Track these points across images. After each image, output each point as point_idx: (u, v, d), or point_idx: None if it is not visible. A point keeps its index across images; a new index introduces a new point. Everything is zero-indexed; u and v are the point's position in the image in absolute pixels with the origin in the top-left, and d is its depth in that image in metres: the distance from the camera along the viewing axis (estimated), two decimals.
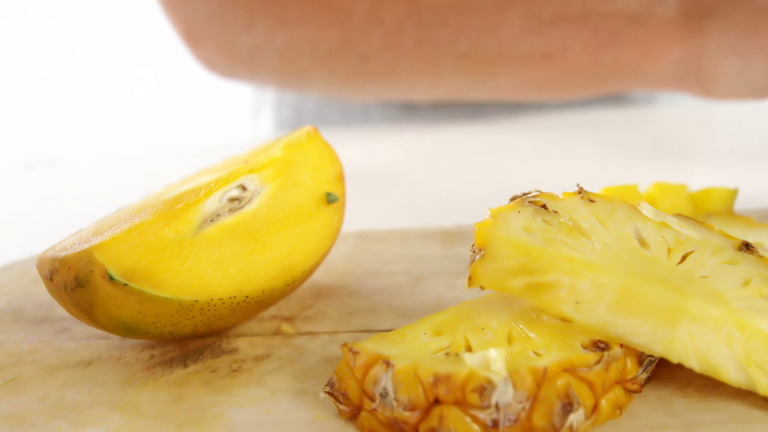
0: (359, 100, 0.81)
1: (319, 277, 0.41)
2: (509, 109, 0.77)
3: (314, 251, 0.35)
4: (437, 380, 0.26)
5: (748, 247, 0.31)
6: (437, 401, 0.26)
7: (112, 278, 0.30)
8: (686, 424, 0.27)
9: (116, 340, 0.36)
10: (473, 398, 0.25)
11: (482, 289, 0.29)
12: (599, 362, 0.27)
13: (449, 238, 0.45)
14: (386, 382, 0.26)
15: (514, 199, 0.31)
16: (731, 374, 0.27)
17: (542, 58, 0.60)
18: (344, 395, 0.28)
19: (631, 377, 0.28)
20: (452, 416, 0.26)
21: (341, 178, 0.37)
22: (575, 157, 0.64)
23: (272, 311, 0.37)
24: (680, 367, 0.28)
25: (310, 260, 0.34)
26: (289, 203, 0.34)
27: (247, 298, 0.32)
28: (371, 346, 0.28)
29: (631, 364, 0.28)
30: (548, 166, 0.63)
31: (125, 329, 0.31)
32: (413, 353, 0.27)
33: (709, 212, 0.40)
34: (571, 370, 0.26)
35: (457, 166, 0.66)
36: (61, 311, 0.39)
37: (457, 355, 0.27)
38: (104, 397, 0.31)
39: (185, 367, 0.33)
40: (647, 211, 0.31)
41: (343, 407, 0.28)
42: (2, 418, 0.30)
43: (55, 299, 0.32)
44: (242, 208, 0.34)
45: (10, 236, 0.58)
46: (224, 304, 0.32)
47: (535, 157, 0.66)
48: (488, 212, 0.29)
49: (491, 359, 0.26)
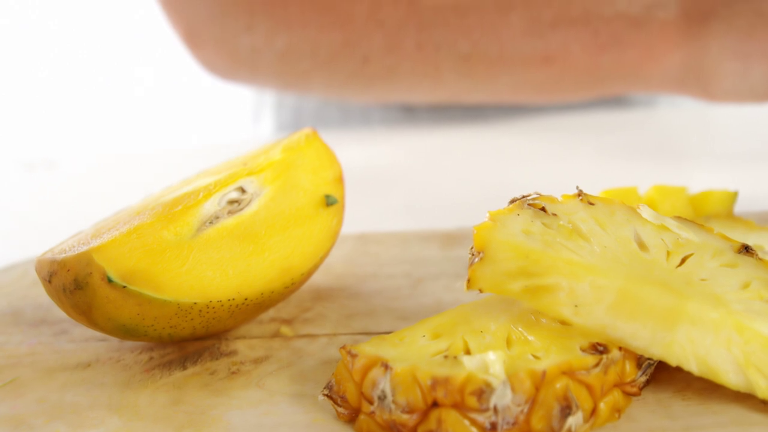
0: (360, 102, 0.81)
1: (318, 279, 0.41)
2: (509, 111, 0.77)
3: (313, 253, 0.35)
4: (435, 383, 0.26)
5: (747, 249, 0.31)
6: (435, 404, 0.26)
7: (110, 280, 0.30)
8: (685, 427, 0.27)
9: (115, 342, 0.36)
10: (471, 401, 0.25)
11: (481, 291, 0.29)
12: (598, 365, 0.27)
13: (449, 240, 0.45)
14: (384, 384, 0.26)
15: (513, 201, 0.31)
16: (730, 377, 0.27)
17: (543, 60, 0.60)
18: (342, 398, 0.28)
19: (629, 380, 0.28)
20: (450, 419, 0.26)
21: (340, 180, 0.37)
22: (575, 159, 0.64)
23: (271, 313, 0.37)
24: (679, 370, 0.28)
25: (309, 262, 0.34)
26: (288, 205, 0.34)
27: (246, 300, 0.32)
28: (370, 348, 0.28)
29: (630, 367, 0.28)
30: (548, 168, 0.63)
31: (124, 331, 0.31)
32: (412, 356, 0.27)
33: (709, 215, 0.40)
34: (569, 373, 0.26)
35: (456, 167, 0.66)
36: (60, 313, 0.39)
37: (455, 357, 0.27)
38: (103, 399, 0.31)
39: (184, 369, 0.33)
40: (646, 213, 0.31)
41: (341, 410, 0.28)
42: (1, 420, 0.30)
43: (54, 301, 0.32)
44: (241, 210, 0.34)
45: (10, 237, 0.58)
46: (223, 306, 0.32)
47: (535, 159, 0.66)
48: (487, 215, 0.29)
49: (490, 362, 0.26)
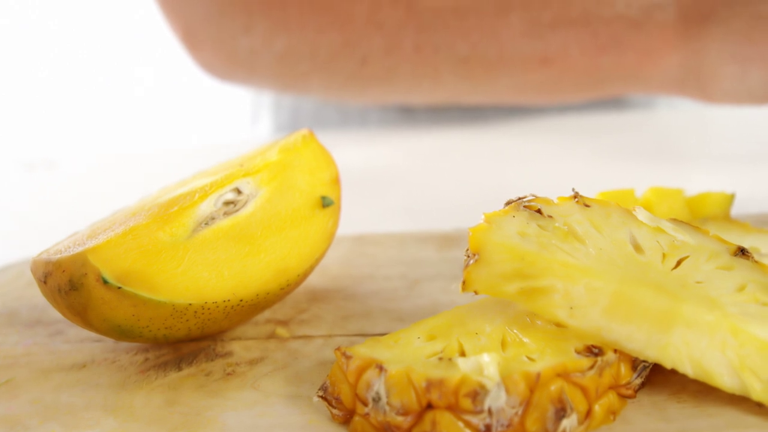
0: (358, 103, 0.81)
1: (314, 280, 0.41)
2: (507, 112, 0.77)
3: (309, 255, 0.35)
4: (430, 385, 0.26)
5: (743, 252, 0.31)
6: (430, 406, 0.26)
7: (105, 281, 0.30)
8: (680, 429, 0.27)
9: (110, 343, 0.36)
10: (466, 403, 0.25)
11: (476, 293, 0.29)
12: (593, 367, 0.27)
13: (446, 241, 0.45)
14: (379, 386, 0.26)
15: (508, 203, 0.31)
16: (725, 380, 0.27)
17: (542, 61, 0.60)
18: (337, 399, 0.28)
19: (625, 382, 0.28)
20: (445, 421, 0.26)
21: (337, 181, 0.37)
22: (573, 160, 0.64)
23: (267, 315, 0.37)
24: (674, 372, 0.28)
25: (305, 264, 0.34)
26: (284, 207, 0.34)
27: (241, 301, 0.32)
28: (364, 350, 0.28)
29: (625, 369, 0.28)
30: (546, 169, 0.62)
31: (119, 332, 0.31)
32: (406, 358, 0.27)
33: (705, 217, 0.40)
34: (564, 375, 0.26)
35: (455, 169, 0.66)
36: (55, 314, 0.39)
37: (450, 359, 0.27)
38: (98, 400, 0.31)
39: (179, 370, 0.33)
40: (642, 216, 0.31)
41: (336, 411, 0.28)
42: None
43: (49, 302, 0.32)
44: (237, 211, 0.34)
45: (10, 238, 0.58)
46: (218, 307, 0.32)
47: (533, 160, 0.66)
48: (482, 217, 0.29)
49: (484, 364, 0.26)
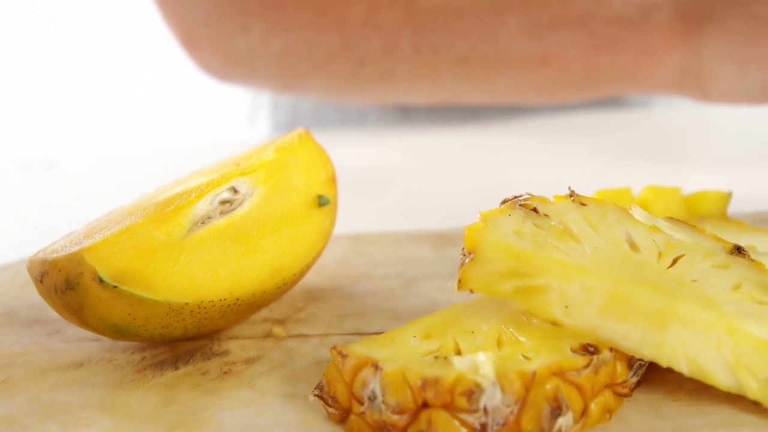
0: (357, 103, 0.81)
1: (311, 279, 0.41)
2: (505, 111, 0.77)
3: (305, 254, 0.35)
4: (425, 383, 0.26)
5: (739, 250, 0.31)
6: (426, 405, 0.26)
7: (102, 280, 0.30)
8: (676, 428, 0.27)
9: (107, 342, 0.36)
10: (461, 402, 0.25)
11: (472, 292, 0.29)
12: (588, 366, 0.27)
13: (442, 240, 0.45)
14: (374, 385, 0.26)
15: (504, 202, 0.31)
16: (721, 378, 0.27)
17: (540, 62, 0.60)
18: (333, 398, 0.28)
19: (620, 381, 0.28)
20: (441, 420, 0.26)
21: (333, 180, 0.37)
22: (571, 159, 0.64)
23: (263, 314, 0.37)
24: (670, 371, 0.28)
25: (301, 263, 0.34)
26: (280, 206, 0.34)
27: (237, 300, 0.32)
28: (360, 349, 0.28)
29: (620, 367, 0.28)
30: (544, 168, 0.63)
31: (115, 331, 0.31)
32: (402, 356, 0.27)
33: (702, 215, 0.40)
34: (560, 373, 0.26)
35: (453, 168, 0.66)
36: (53, 313, 0.39)
37: (446, 358, 0.27)
38: (95, 399, 0.31)
39: (176, 369, 0.33)
40: (638, 214, 0.31)
41: (332, 410, 0.28)
42: None
43: (45, 301, 0.32)
44: (233, 210, 0.34)
45: (9, 238, 0.58)
46: (214, 306, 0.32)
47: (531, 159, 0.66)
48: (478, 215, 0.29)
49: (480, 363, 0.26)
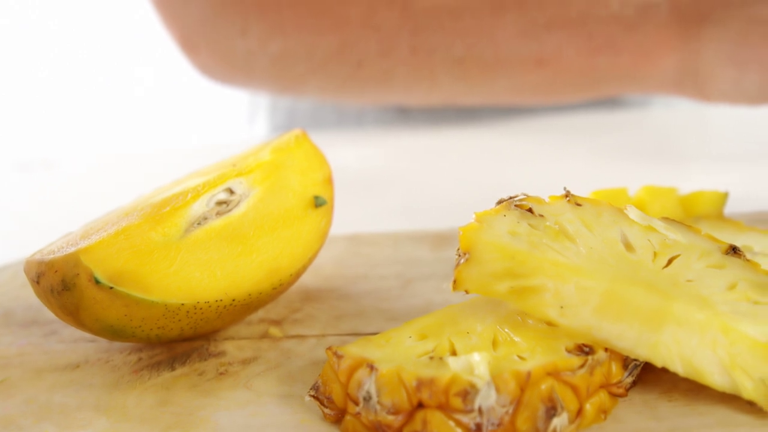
0: (355, 104, 0.81)
1: (308, 280, 0.41)
2: (503, 112, 0.77)
3: (302, 254, 0.35)
4: (420, 384, 0.26)
5: (735, 250, 0.31)
6: (421, 405, 0.26)
7: (98, 281, 0.30)
8: (671, 428, 0.27)
9: (104, 343, 0.36)
10: (456, 402, 0.25)
11: (467, 292, 0.29)
12: (583, 366, 0.27)
13: (440, 241, 0.45)
14: (370, 385, 0.26)
15: (500, 202, 0.31)
16: (716, 378, 0.27)
17: (538, 63, 0.60)
18: (329, 399, 0.28)
19: (616, 381, 0.28)
20: (436, 420, 0.26)
21: (330, 181, 0.37)
22: (570, 160, 0.65)
23: (260, 314, 0.37)
24: (666, 371, 0.28)
25: (297, 263, 0.34)
26: (276, 207, 0.34)
27: (233, 301, 0.32)
28: (356, 349, 0.28)
29: (616, 368, 0.28)
30: (542, 169, 0.63)
31: (112, 332, 0.31)
32: (398, 357, 0.27)
33: (698, 216, 0.40)
34: (555, 374, 0.26)
35: (451, 168, 0.66)
36: (50, 314, 0.39)
37: (441, 358, 0.27)
38: (91, 400, 0.31)
39: (172, 370, 0.33)
40: (634, 214, 0.31)
41: (327, 411, 0.28)
42: None
43: (42, 302, 0.32)
44: (230, 211, 0.34)
45: (9, 238, 0.58)
46: (210, 307, 0.32)
47: (529, 160, 0.66)
48: (473, 216, 0.29)
49: (474, 363, 0.26)
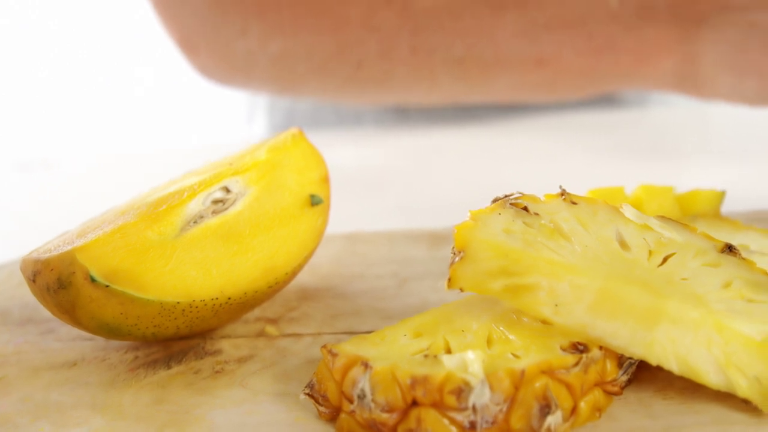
0: (354, 104, 0.81)
1: (304, 279, 0.41)
2: (502, 111, 0.77)
3: (298, 253, 0.35)
4: (414, 382, 0.26)
5: (730, 249, 0.31)
6: (415, 403, 0.26)
7: (93, 280, 0.30)
8: (666, 426, 0.27)
9: (101, 341, 0.36)
10: (450, 400, 0.25)
11: (462, 290, 0.29)
12: (578, 364, 0.27)
13: (437, 239, 0.45)
14: (364, 383, 0.26)
15: (495, 200, 0.31)
16: (710, 377, 0.27)
17: (538, 63, 0.60)
18: (324, 397, 0.28)
19: (610, 379, 0.28)
20: (430, 418, 0.26)
21: (326, 180, 0.37)
22: (568, 159, 0.65)
23: (256, 313, 0.37)
24: (661, 369, 0.28)
25: (293, 262, 0.35)
26: (272, 205, 0.34)
27: (229, 299, 0.32)
28: (350, 347, 0.28)
29: (610, 366, 0.28)
30: (540, 168, 0.63)
31: (107, 330, 0.31)
32: (392, 355, 0.27)
33: (695, 214, 0.40)
34: (549, 372, 0.26)
35: (449, 168, 0.66)
36: (47, 313, 0.39)
37: (435, 356, 0.27)
38: (87, 398, 0.31)
39: (168, 368, 0.33)
40: (629, 213, 0.31)
41: (322, 409, 0.28)
42: None
43: (38, 300, 0.32)
44: (226, 210, 0.34)
45: (10, 238, 0.58)
46: (206, 305, 0.32)
47: (527, 159, 0.66)
48: (468, 214, 0.29)
49: (468, 361, 0.26)
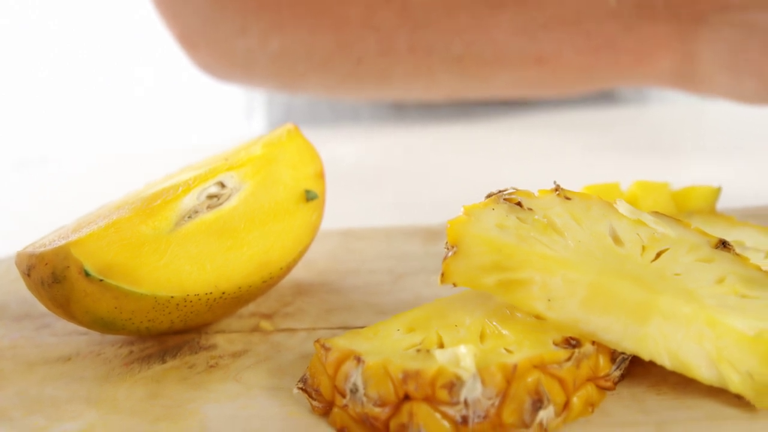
0: (352, 100, 0.81)
1: (300, 274, 0.41)
2: (500, 108, 0.77)
3: (292, 248, 0.35)
4: (407, 376, 0.26)
5: (724, 245, 0.31)
6: (407, 397, 0.26)
7: (88, 274, 0.30)
8: (659, 421, 0.27)
9: (96, 336, 0.36)
10: (442, 394, 0.25)
11: (455, 285, 0.29)
12: (570, 359, 0.27)
13: (432, 235, 0.45)
14: (356, 377, 0.26)
15: (489, 196, 0.31)
16: (703, 371, 0.27)
17: (536, 61, 0.60)
18: (317, 391, 0.28)
19: (603, 374, 0.28)
20: (422, 412, 0.26)
21: (321, 175, 0.37)
22: (566, 156, 0.65)
23: (251, 308, 0.37)
24: (655, 364, 0.28)
25: (288, 257, 0.35)
26: (267, 200, 0.34)
27: (223, 294, 0.33)
28: (343, 342, 0.28)
29: (603, 361, 0.28)
30: (538, 165, 0.63)
31: (102, 325, 0.31)
32: (385, 349, 0.28)
33: (691, 211, 0.40)
34: (541, 366, 0.26)
35: (447, 164, 0.66)
36: (42, 308, 0.39)
37: (428, 351, 0.27)
38: (82, 392, 0.31)
39: (163, 363, 0.33)
40: (623, 208, 0.31)
41: (315, 403, 0.28)
42: None
43: (33, 295, 0.32)
44: (220, 205, 0.34)
45: (9, 238, 0.58)
46: (200, 300, 0.32)
47: (525, 156, 0.66)
48: (462, 209, 0.30)
49: (460, 356, 0.26)
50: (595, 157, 0.63)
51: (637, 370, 0.30)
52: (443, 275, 0.29)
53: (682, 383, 0.29)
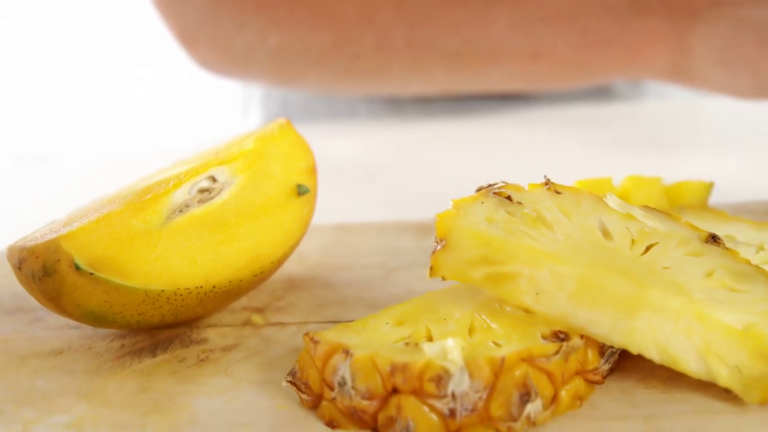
0: (349, 96, 0.81)
1: (292, 268, 0.41)
2: (496, 103, 0.77)
3: (283, 242, 0.35)
4: (394, 369, 0.26)
5: (714, 239, 0.31)
6: (395, 390, 0.26)
7: (78, 267, 0.30)
8: (647, 415, 0.27)
9: (88, 329, 0.36)
10: (430, 387, 0.25)
11: (444, 279, 0.29)
12: (558, 353, 0.27)
13: (425, 230, 0.45)
14: (344, 370, 0.26)
15: (479, 190, 0.31)
16: (691, 365, 0.27)
17: (532, 56, 0.61)
18: (305, 384, 0.28)
19: (592, 368, 0.28)
20: (410, 405, 0.26)
21: (313, 170, 0.37)
22: (562, 151, 0.64)
23: (243, 302, 0.38)
24: (643, 358, 0.28)
25: (279, 251, 0.35)
26: (258, 195, 0.34)
27: (214, 288, 0.33)
28: (332, 335, 0.28)
29: (592, 355, 0.28)
30: (533, 161, 0.62)
31: (92, 318, 0.31)
32: (374, 343, 0.28)
33: (683, 205, 0.40)
34: (529, 360, 0.26)
35: (442, 160, 0.66)
36: (35, 301, 0.39)
37: (416, 344, 0.27)
38: (72, 386, 0.31)
39: (154, 356, 0.33)
40: (613, 202, 0.31)
41: (304, 396, 0.28)
42: None
43: (24, 288, 0.32)
44: (212, 199, 0.34)
45: (10, 237, 0.58)
46: (191, 293, 0.32)
47: (520, 152, 0.65)
48: (451, 203, 0.30)
49: (448, 349, 0.26)
50: (591, 152, 0.63)
51: (626, 364, 0.30)
52: (432, 269, 0.29)
53: (671, 377, 0.29)
